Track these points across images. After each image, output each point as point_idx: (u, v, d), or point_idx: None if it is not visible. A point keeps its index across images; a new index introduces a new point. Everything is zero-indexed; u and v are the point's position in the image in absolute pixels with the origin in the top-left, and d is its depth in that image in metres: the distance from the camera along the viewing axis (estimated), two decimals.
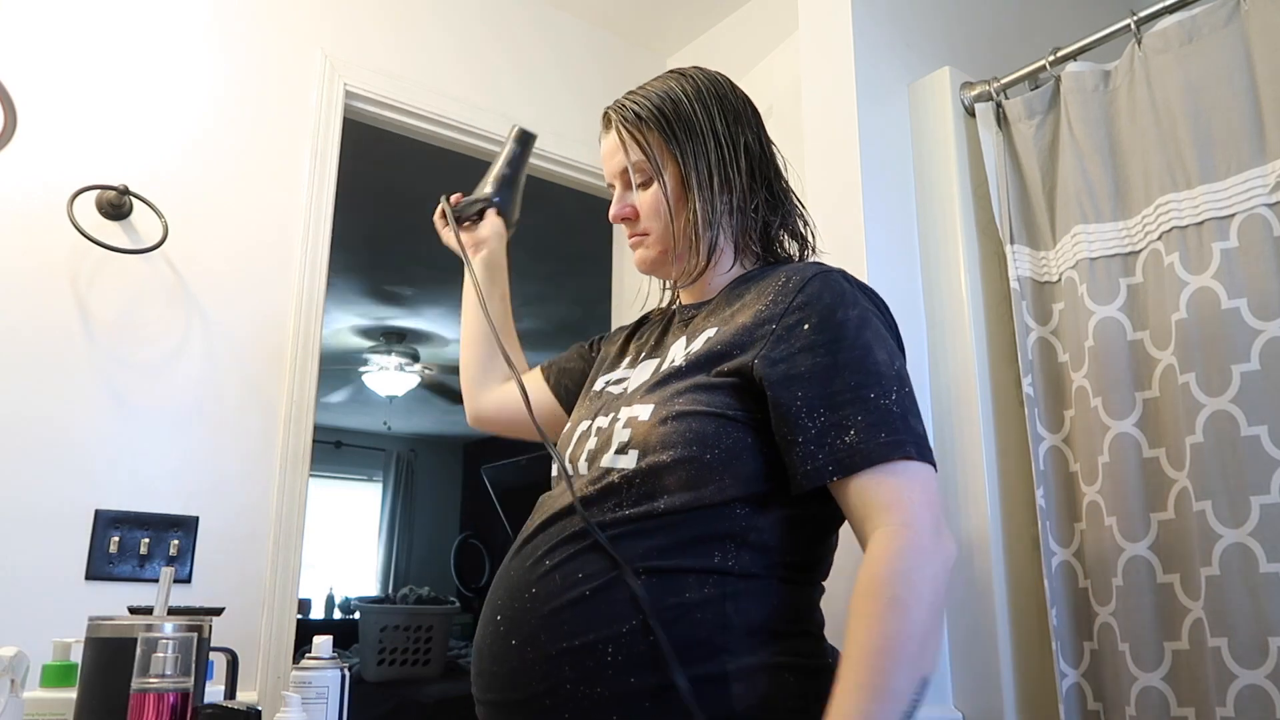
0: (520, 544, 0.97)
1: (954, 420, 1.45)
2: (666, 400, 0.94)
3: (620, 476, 0.91)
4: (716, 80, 1.09)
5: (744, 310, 0.97)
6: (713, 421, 0.90)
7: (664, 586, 0.86)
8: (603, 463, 0.94)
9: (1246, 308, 1.22)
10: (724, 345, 0.94)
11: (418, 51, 2.04)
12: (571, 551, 0.90)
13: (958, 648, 1.38)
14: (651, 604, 0.85)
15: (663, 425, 0.91)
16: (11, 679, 1.13)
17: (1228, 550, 1.18)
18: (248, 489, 1.66)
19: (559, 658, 0.86)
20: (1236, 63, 1.28)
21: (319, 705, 1.20)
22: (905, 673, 0.79)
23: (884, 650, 0.79)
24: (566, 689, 0.85)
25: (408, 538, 7.47)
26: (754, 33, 2.15)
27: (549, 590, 0.89)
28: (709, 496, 0.89)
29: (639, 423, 0.94)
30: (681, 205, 1.04)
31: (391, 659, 3.82)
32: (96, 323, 1.58)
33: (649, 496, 0.89)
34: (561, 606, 0.87)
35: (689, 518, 0.88)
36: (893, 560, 0.82)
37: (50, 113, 1.60)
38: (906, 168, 1.58)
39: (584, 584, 0.87)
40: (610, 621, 0.85)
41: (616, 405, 1.01)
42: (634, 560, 0.87)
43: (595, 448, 0.98)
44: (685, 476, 0.89)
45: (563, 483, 0.98)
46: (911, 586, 0.81)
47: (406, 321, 4.97)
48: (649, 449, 0.91)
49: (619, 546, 0.88)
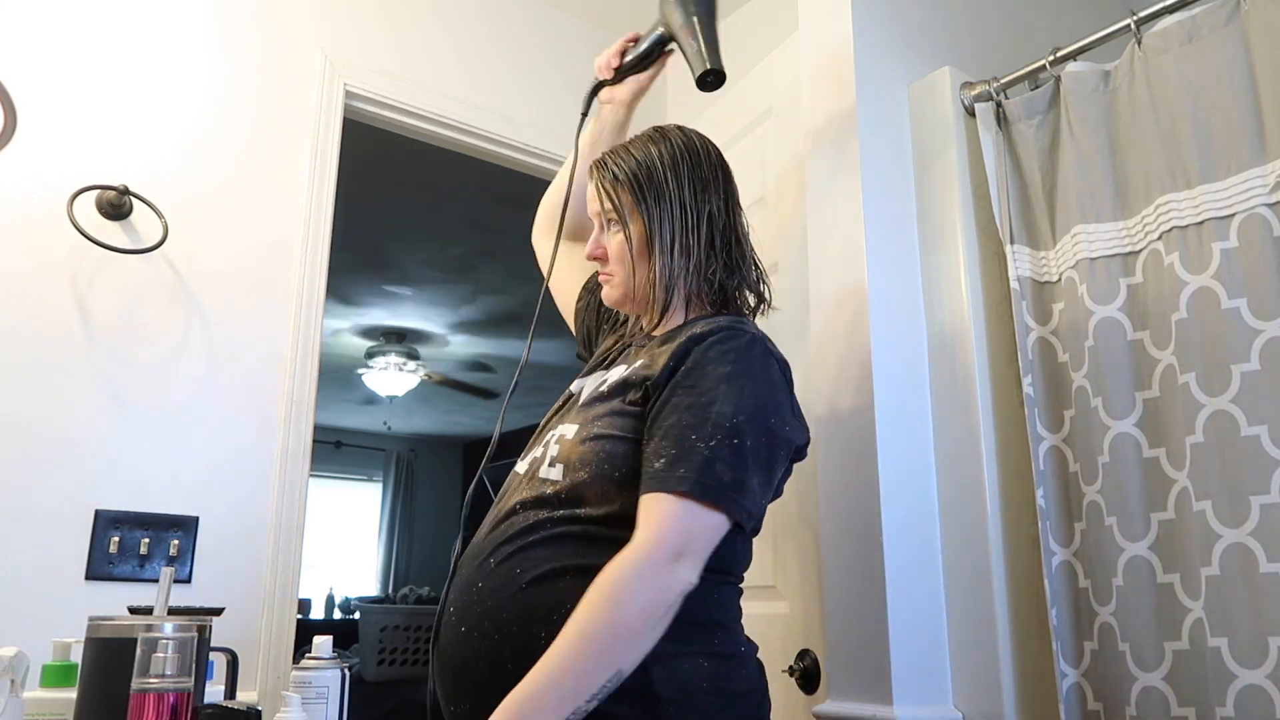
0: (473, 547, 1.09)
1: (954, 420, 1.45)
2: (588, 422, 1.08)
3: (550, 488, 1.06)
4: (693, 147, 1.20)
5: (665, 351, 1.09)
6: (622, 444, 1.04)
7: (587, 580, 0.96)
8: (539, 473, 1.09)
9: (1246, 307, 1.22)
10: (638, 377, 1.08)
11: (418, 51, 2.04)
12: (512, 550, 1.04)
13: (958, 648, 1.38)
14: (579, 594, 0.95)
15: (582, 445, 1.06)
16: (11, 679, 1.13)
17: (1228, 550, 1.18)
18: (248, 489, 1.66)
19: (500, 641, 0.99)
20: (1236, 63, 1.28)
21: (319, 705, 1.20)
22: (598, 659, 0.91)
23: (585, 634, 0.92)
24: (507, 668, 0.97)
25: (408, 538, 7.48)
26: (754, 33, 2.15)
27: (493, 585, 1.03)
28: (620, 508, 1.01)
29: (565, 440, 1.09)
30: (644, 260, 1.16)
31: (391, 659, 3.83)
32: (96, 323, 1.58)
33: (572, 504, 1.04)
34: (503, 597, 1.01)
35: (606, 523, 1.02)
36: (618, 565, 0.95)
37: (50, 113, 1.60)
38: (906, 168, 1.58)
39: (522, 577, 1.01)
40: (543, 610, 0.98)
41: (563, 419, 1.15)
42: (563, 559, 1.01)
43: (541, 456, 1.12)
44: (600, 490, 1.03)
45: (517, 485, 1.11)
46: (624, 590, 0.94)
47: (406, 321, 4.97)
48: (570, 465, 1.06)
49: (551, 546, 1.02)
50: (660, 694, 0.96)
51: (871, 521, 1.38)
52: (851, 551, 1.40)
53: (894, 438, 1.42)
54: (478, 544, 1.09)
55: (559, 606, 0.97)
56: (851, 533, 1.41)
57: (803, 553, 1.55)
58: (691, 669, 0.99)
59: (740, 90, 1.93)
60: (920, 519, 1.42)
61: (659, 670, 0.96)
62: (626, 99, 1.42)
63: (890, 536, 1.37)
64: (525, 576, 1.01)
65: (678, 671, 0.98)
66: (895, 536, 1.37)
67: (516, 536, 1.04)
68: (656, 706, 0.96)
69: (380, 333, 5.14)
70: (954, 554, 1.41)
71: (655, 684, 0.96)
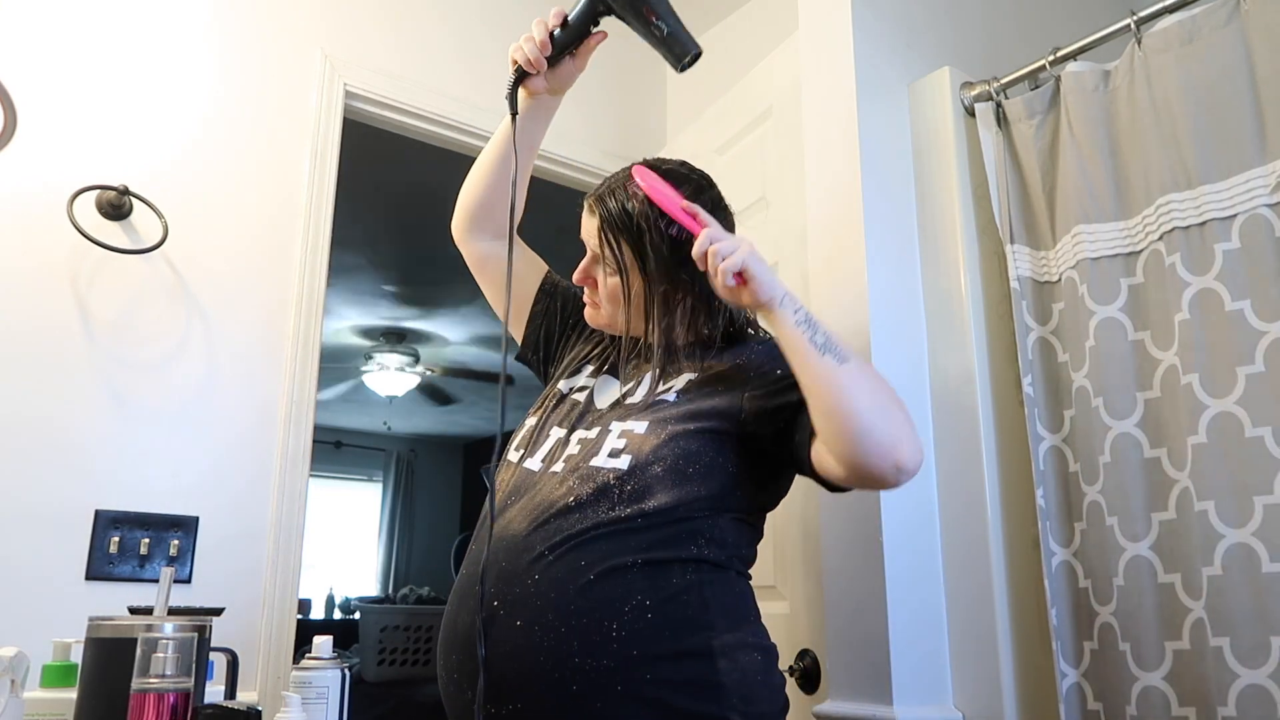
0: (510, 542, 1.06)
1: (954, 420, 1.45)
2: (660, 421, 1.10)
3: (615, 477, 1.06)
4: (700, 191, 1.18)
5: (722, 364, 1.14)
6: (695, 440, 1.07)
7: (656, 573, 1.02)
8: (593, 463, 1.08)
9: (1250, 309, 1.22)
10: (711, 385, 1.12)
11: (417, 51, 2.04)
12: (572, 545, 1.02)
13: (958, 648, 1.38)
14: (648, 587, 1.00)
15: (660, 441, 1.07)
16: (11, 679, 1.13)
17: (1230, 550, 1.18)
18: (248, 489, 1.66)
19: (567, 634, 0.98)
20: (1236, 63, 1.28)
21: (319, 705, 1.20)
22: (884, 395, 1.03)
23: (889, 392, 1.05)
24: (574, 661, 0.97)
25: (408, 538, 7.48)
26: (754, 33, 2.15)
27: (553, 577, 1.01)
28: (689, 503, 1.05)
29: (635, 435, 1.09)
30: (640, 308, 1.17)
31: (391, 659, 3.83)
32: (96, 323, 1.58)
33: (638, 499, 1.04)
34: (569, 591, 1.00)
35: (672, 518, 1.04)
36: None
37: (50, 113, 1.60)
38: (906, 168, 1.58)
39: (587, 571, 1.01)
40: (612, 602, 0.99)
41: (602, 419, 1.15)
42: (631, 553, 1.02)
43: (579, 453, 1.11)
44: (671, 484, 1.05)
45: (546, 482, 1.10)
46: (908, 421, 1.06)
47: (406, 321, 4.97)
48: (642, 458, 1.06)
49: (615, 540, 1.02)
50: (725, 683, 1.00)
51: (871, 521, 1.38)
52: (852, 551, 1.40)
53: None
54: (516, 540, 1.05)
55: (628, 598, 1.00)
56: (852, 533, 1.41)
57: (803, 553, 1.55)
58: (748, 661, 1.03)
59: (740, 90, 1.93)
60: (920, 519, 1.42)
61: (725, 661, 1.01)
62: (558, 88, 1.28)
63: (890, 536, 1.37)
64: (591, 570, 1.01)
65: (739, 663, 1.02)
66: (895, 536, 1.37)
67: (576, 535, 1.03)
68: (721, 695, 1.00)
69: (380, 333, 5.14)
70: (954, 554, 1.41)
71: (721, 674, 1.00)
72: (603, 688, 0.97)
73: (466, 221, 1.37)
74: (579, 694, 0.97)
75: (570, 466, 1.10)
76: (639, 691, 0.97)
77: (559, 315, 1.36)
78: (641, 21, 1.13)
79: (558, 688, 0.97)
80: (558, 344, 1.36)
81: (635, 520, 1.03)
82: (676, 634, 1.00)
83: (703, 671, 0.99)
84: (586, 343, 1.33)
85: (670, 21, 1.13)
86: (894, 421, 1.01)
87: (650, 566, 1.01)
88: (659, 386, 1.16)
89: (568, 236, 1.38)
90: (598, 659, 0.97)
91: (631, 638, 0.98)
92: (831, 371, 1.00)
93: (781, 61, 1.79)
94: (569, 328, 1.36)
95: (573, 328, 1.36)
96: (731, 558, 1.09)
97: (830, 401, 1.00)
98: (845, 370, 1.00)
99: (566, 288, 1.38)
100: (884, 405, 1.02)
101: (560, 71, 1.25)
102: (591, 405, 1.19)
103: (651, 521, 1.03)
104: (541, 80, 1.24)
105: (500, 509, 1.11)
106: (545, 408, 1.23)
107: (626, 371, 1.21)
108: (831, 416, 1.00)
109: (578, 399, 1.22)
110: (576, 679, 0.96)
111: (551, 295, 1.37)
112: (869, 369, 1.04)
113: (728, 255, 1.02)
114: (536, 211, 2.56)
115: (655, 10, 1.12)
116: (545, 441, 1.17)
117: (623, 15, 1.15)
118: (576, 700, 0.97)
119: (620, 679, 0.97)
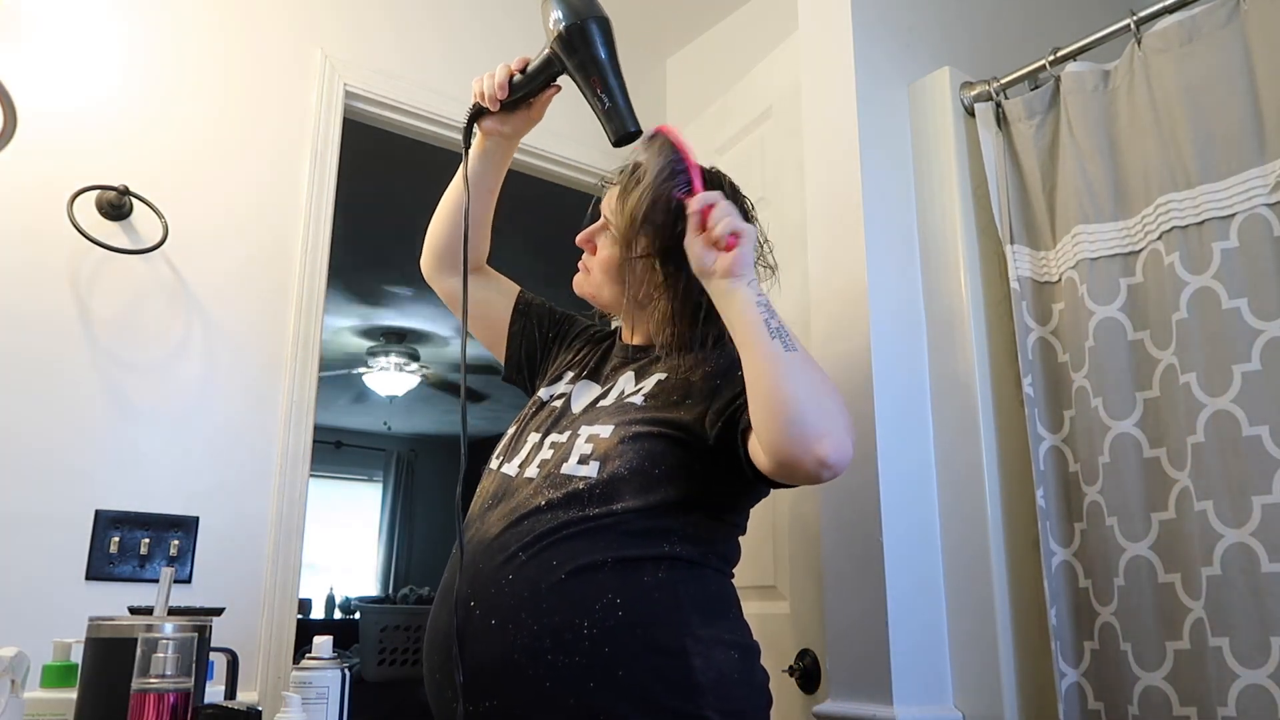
0: (486, 544, 1.08)
1: (954, 420, 1.45)
2: (625, 424, 1.11)
3: (584, 484, 1.08)
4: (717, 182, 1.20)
5: (694, 370, 1.14)
6: (660, 442, 1.09)
7: (627, 571, 1.03)
8: (564, 470, 1.10)
9: (1247, 308, 1.22)
10: (679, 393, 1.13)
11: (418, 51, 2.04)
12: (545, 544, 1.04)
13: (958, 647, 1.38)
14: (619, 585, 1.02)
15: (622, 443, 1.09)
16: (12, 679, 1.13)
17: (1229, 550, 1.18)
18: (248, 489, 1.66)
19: (539, 632, 1.00)
20: (1236, 63, 1.28)
21: (319, 705, 1.20)
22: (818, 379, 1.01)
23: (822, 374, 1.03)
24: (547, 659, 0.99)
25: (408, 538, 7.48)
26: (754, 33, 2.15)
27: (526, 577, 1.03)
28: (657, 502, 1.06)
29: (600, 439, 1.11)
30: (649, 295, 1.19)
31: (392, 659, 3.82)
32: (96, 323, 1.58)
33: (607, 499, 1.06)
34: (540, 590, 1.02)
35: (642, 516, 1.06)
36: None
37: (50, 113, 1.60)
38: (906, 168, 1.58)
39: (558, 570, 1.03)
40: (583, 600, 1.01)
41: (574, 423, 1.17)
42: (601, 551, 1.03)
43: (551, 458, 1.13)
44: (639, 485, 1.07)
45: (522, 486, 1.12)
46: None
47: (407, 321, 4.97)
48: (608, 462, 1.08)
49: (586, 540, 1.04)
50: (700, 683, 1.01)
51: (871, 521, 1.38)
52: (851, 551, 1.40)
53: (894, 438, 1.42)
54: (488, 542, 1.08)
55: (599, 597, 1.01)
56: (851, 533, 1.41)
57: (803, 553, 1.55)
58: (725, 659, 1.04)
59: (740, 90, 1.93)
60: (920, 519, 1.42)
61: (699, 659, 1.01)
62: (511, 133, 1.29)
63: (890, 536, 1.37)
64: (563, 569, 1.02)
65: (714, 660, 1.03)
66: (895, 536, 1.37)
67: (547, 534, 1.05)
68: (698, 695, 1.00)
69: (380, 333, 5.14)
70: (954, 554, 1.41)
71: (696, 673, 1.01)
72: (576, 684, 0.98)
73: (434, 260, 1.41)
74: (552, 691, 0.98)
75: (544, 472, 1.12)
76: (613, 687, 0.98)
77: (537, 331, 1.39)
78: (589, 89, 1.16)
79: (532, 685, 0.99)
80: (540, 360, 1.39)
81: (605, 519, 1.05)
82: (648, 632, 1.01)
83: (676, 668, 1.00)
84: (568, 351, 1.36)
85: (617, 98, 1.15)
86: (825, 415, 0.98)
87: (621, 565, 1.03)
88: (629, 387, 1.18)
89: (567, 235, 1.38)
90: (570, 656, 0.98)
91: (603, 636, 1.00)
92: (777, 356, 0.99)
93: (781, 61, 1.79)
94: (549, 341, 1.39)
95: (553, 340, 1.39)
96: (708, 554, 1.10)
97: (768, 384, 0.99)
98: (789, 358, 0.99)
99: (540, 304, 1.42)
100: (819, 397, 0.99)
101: (516, 117, 1.27)
102: (568, 409, 1.22)
103: (621, 521, 1.05)
104: (495, 122, 1.26)
105: (481, 514, 1.13)
106: (525, 415, 1.27)
107: (605, 374, 1.24)
108: (767, 402, 0.99)
109: (555, 405, 1.24)
110: (550, 676, 0.98)
111: (526, 315, 1.40)
112: (814, 363, 1.02)
113: (729, 215, 1.04)
114: (535, 211, 2.56)
115: (604, 84, 1.15)
116: (523, 447, 1.20)
117: (574, 77, 1.17)
118: (550, 697, 0.98)
119: (594, 676, 0.98)
